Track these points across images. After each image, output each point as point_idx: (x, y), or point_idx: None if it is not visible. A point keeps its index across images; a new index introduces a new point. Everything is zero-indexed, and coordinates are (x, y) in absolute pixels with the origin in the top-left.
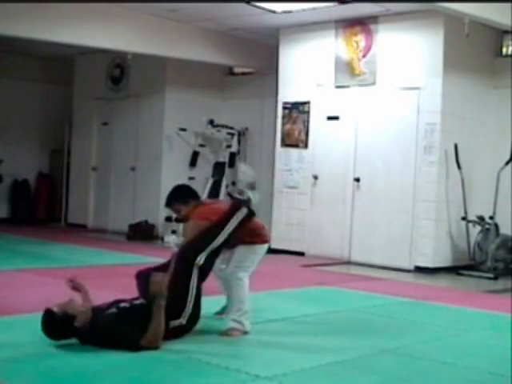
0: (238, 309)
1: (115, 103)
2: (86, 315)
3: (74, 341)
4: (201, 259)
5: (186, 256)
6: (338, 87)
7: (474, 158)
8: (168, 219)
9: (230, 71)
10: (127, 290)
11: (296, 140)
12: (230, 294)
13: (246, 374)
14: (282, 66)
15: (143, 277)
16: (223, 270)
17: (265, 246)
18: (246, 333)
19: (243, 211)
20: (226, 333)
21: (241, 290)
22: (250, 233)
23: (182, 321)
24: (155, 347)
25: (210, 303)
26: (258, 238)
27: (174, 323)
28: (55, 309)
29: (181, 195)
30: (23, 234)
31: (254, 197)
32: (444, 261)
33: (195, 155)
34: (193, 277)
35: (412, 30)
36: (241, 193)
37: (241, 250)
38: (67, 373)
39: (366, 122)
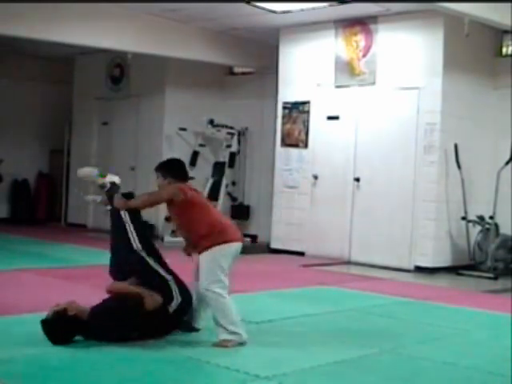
0: (228, 322)
1: (115, 103)
2: (74, 305)
3: (73, 342)
4: (136, 245)
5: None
6: (337, 87)
7: (474, 157)
8: (168, 219)
9: (230, 71)
10: None
11: (296, 140)
12: (212, 310)
13: (246, 373)
14: (282, 66)
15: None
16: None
17: (236, 245)
18: (242, 343)
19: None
20: (219, 344)
21: (221, 304)
22: (214, 233)
23: (177, 301)
24: None
25: None
26: (224, 237)
27: (172, 307)
28: (47, 315)
29: (166, 168)
30: (23, 234)
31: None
32: (444, 261)
33: (195, 155)
34: (148, 261)
35: (412, 30)
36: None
37: (206, 259)
38: (67, 373)
39: (366, 122)
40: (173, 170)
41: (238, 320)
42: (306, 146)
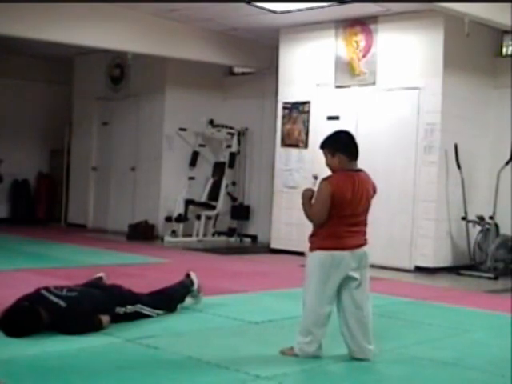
0: (301, 330)
1: (115, 103)
2: None
3: (73, 342)
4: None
5: None
6: (337, 87)
7: (474, 157)
8: (168, 219)
9: (230, 71)
10: None
11: (296, 140)
12: None
13: (246, 373)
14: (282, 66)
15: None
16: None
17: (341, 254)
18: (301, 356)
19: None
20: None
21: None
22: (328, 235)
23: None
24: None
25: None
26: (333, 243)
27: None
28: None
29: (332, 142)
30: (23, 234)
31: None
32: (444, 261)
33: (195, 155)
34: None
35: (412, 29)
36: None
37: (308, 260)
38: (67, 373)
39: (366, 122)
40: (341, 144)
41: (318, 332)
42: (305, 146)
